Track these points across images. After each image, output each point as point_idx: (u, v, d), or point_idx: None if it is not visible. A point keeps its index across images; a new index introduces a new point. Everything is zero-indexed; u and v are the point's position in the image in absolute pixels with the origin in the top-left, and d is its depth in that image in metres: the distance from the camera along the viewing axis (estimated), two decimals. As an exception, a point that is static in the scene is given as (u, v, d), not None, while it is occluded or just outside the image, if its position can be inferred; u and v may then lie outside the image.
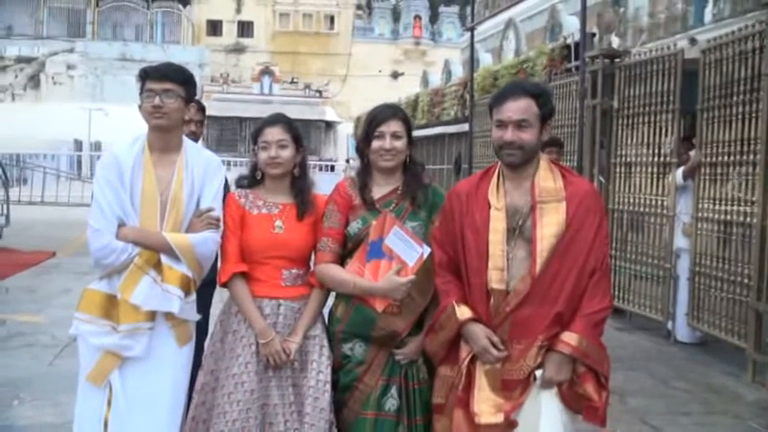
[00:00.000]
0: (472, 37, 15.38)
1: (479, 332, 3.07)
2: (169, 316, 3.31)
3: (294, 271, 3.51)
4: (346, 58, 48.02)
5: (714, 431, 5.70)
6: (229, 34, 49.35)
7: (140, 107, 3.37)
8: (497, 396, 3.04)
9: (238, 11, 49.20)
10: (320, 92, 46.52)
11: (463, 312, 3.11)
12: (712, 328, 7.72)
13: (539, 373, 3.01)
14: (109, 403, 3.27)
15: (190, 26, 48.78)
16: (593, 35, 13.35)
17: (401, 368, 3.36)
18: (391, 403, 3.34)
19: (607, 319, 3.09)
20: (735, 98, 7.41)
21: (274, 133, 3.50)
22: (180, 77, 3.38)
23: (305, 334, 3.46)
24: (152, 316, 3.27)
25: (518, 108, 3.07)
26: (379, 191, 3.47)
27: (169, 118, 3.34)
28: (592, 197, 3.17)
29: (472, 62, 15.47)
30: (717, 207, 7.72)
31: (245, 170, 3.71)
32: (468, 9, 32.46)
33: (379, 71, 46.62)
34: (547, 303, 3.02)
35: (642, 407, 6.06)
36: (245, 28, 49.48)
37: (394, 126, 3.42)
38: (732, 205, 7.50)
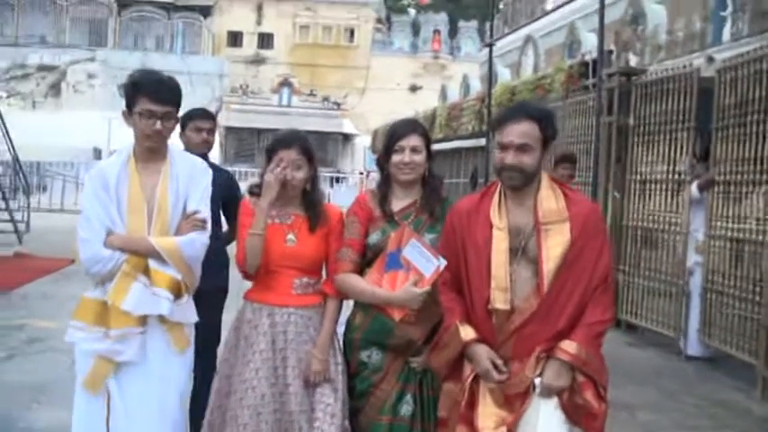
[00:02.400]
0: (491, 52, 15.51)
1: (483, 354, 3.10)
2: (163, 320, 3.35)
3: (305, 280, 3.60)
4: (365, 70, 48.18)
5: None
6: (249, 45, 49.61)
7: (127, 115, 3.41)
8: (500, 410, 3.08)
9: (259, 22, 49.48)
10: (338, 104, 46.67)
11: (467, 333, 3.13)
12: (723, 344, 7.78)
13: (537, 380, 3.03)
14: (109, 408, 3.32)
15: (210, 37, 49.07)
16: (611, 52, 13.46)
17: (416, 375, 3.46)
18: (406, 409, 3.44)
19: (607, 332, 3.13)
20: (749, 117, 7.50)
21: (289, 154, 3.57)
22: (178, 99, 3.45)
23: (329, 342, 3.57)
24: (143, 320, 3.31)
25: (520, 132, 3.09)
26: (398, 203, 3.56)
27: (165, 140, 3.44)
28: (595, 217, 3.21)
29: (491, 77, 15.60)
30: (730, 225, 7.80)
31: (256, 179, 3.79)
32: (488, 24, 32.63)
33: (398, 84, 46.73)
34: (550, 321, 3.06)
35: (651, 421, 6.13)
36: (266, 40, 49.72)
37: (413, 141, 3.52)
38: (745, 223, 7.58)
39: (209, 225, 3.47)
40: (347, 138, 46.18)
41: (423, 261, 3.37)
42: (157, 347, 3.36)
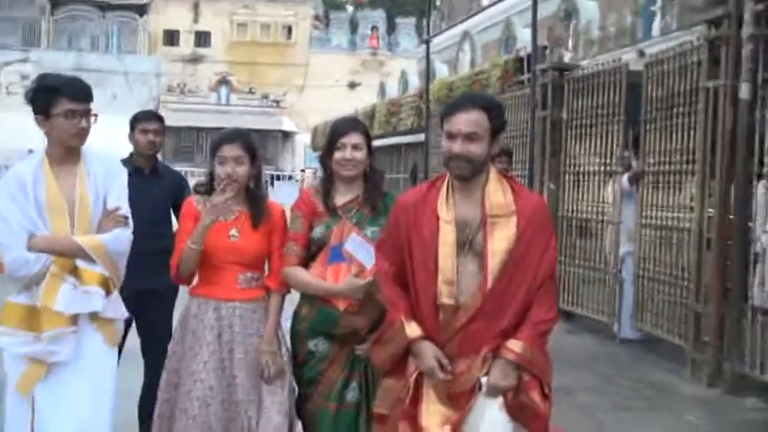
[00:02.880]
0: (428, 49, 15.72)
1: (428, 351, 3.06)
2: (94, 317, 3.36)
3: (249, 274, 3.69)
4: (304, 68, 48.09)
5: (654, 425, 6.02)
6: (186, 44, 49.10)
7: (42, 119, 3.38)
8: (445, 408, 3.05)
9: (196, 21, 49.03)
10: (278, 102, 46.55)
11: (413, 330, 3.09)
12: (655, 328, 8.09)
13: (484, 380, 3.01)
14: (32, 410, 3.30)
15: (146, 36, 48.47)
16: (545, 48, 13.77)
17: (362, 363, 3.57)
18: (352, 395, 3.57)
19: (551, 330, 3.11)
20: (676, 110, 7.79)
21: (232, 150, 3.64)
22: (92, 97, 3.46)
23: (275, 336, 3.67)
24: (75, 319, 3.31)
25: (468, 120, 3.05)
26: (341, 198, 3.67)
27: (86, 139, 3.43)
28: (542, 212, 3.20)
29: (428, 74, 15.80)
30: (659, 214, 8.11)
31: (202, 178, 3.88)
32: (425, 21, 32.83)
33: (337, 81, 46.75)
34: (496, 318, 3.03)
35: (590, 404, 6.37)
36: (203, 38, 49.28)
37: (355, 138, 3.63)
38: (673, 212, 7.89)
39: (130, 221, 3.49)
40: (287, 135, 46.08)
41: (363, 254, 3.48)
42: (90, 345, 3.37)
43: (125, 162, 4.64)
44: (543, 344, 3.08)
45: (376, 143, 19.56)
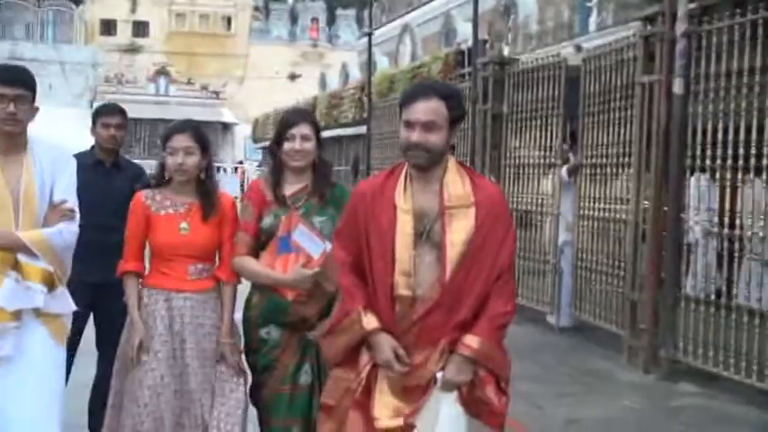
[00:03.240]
0: (370, 42, 15.79)
1: (385, 343, 3.00)
2: (39, 312, 3.28)
3: (200, 266, 3.73)
4: (243, 59, 47.85)
5: (593, 410, 6.22)
6: (123, 34, 48.47)
7: None
8: (398, 401, 3.01)
9: (133, 10, 48.40)
10: (217, 93, 46.18)
11: (370, 321, 3.03)
12: (593, 316, 8.32)
13: (439, 374, 2.97)
14: None
15: (83, 25, 47.70)
16: (485, 42, 13.96)
17: (314, 347, 3.63)
18: (305, 378, 3.65)
19: (509, 324, 3.06)
20: (612, 104, 8.01)
21: (181, 140, 3.67)
22: (32, 82, 3.34)
23: (232, 326, 3.76)
24: (18, 315, 3.22)
25: (427, 109, 2.98)
26: (290, 188, 3.71)
27: (22, 125, 3.30)
28: (500, 203, 3.15)
29: (370, 66, 15.88)
30: (597, 205, 8.33)
31: (151, 171, 3.91)
32: (365, 12, 32.80)
33: (277, 72, 46.61)
34: (454, 310, 2.99)
35: (532, 391, 6.52)
36: (140, 28, 48.69)
37: (303, 129, 3.68)
38: (610, 203, 8.12)
39: (77, 214, 3.41)
40: (227, 127, 45.74)
41: (310, 244, 3.54)
42: (35, 340, 3.29)
43: (86, 155, 4.67)
44: (500, 338, 3.05)
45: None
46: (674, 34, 6.99)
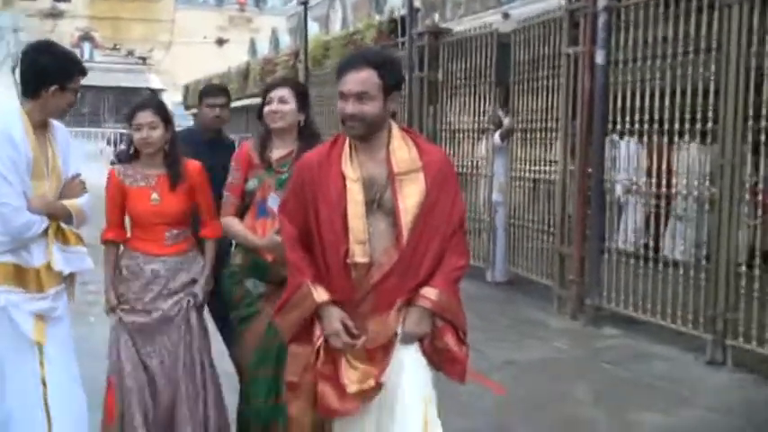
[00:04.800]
0: (305, 11, 16.08)
1: (334, 315, 3.04)
2: (66, 277, 3.59)
3: (175, 231, 3.99)
4: (170, 24, 47.19)
5: (528, 352, 6.87)
6: (44, -2, 47.35)
7: (53, 93, 3.48)
8: (364, 364, 3.03)
9: (53, -26, 47.22)
10: (144, 59, 45.64)
11: (320, 294, 3.05)
12: (526, 270, 9.00)
13: (399, 328, 3.03)
14: (41, 364, 3.49)
15: (1, -10, 46.43)
16: (418, 10, 14.42)
17: None
18: None
19: (463, 276, 3.13)
20: (540, 73, 8.61)
21: (145, 116, 3.90)
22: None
23: (212, 276, 4.06)
24: (62, 278, 3.56)
25: (358, 80, 3.00)
26: (277, 152, 3.92)
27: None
28: (447, 164, 3.21)
29: (306, 35, 16.20)
30: (528, 167, 8.97)
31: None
32: None
33: (204, 38, 46.12)
34: (410, 273, 3.03)
35: (472, 338, 7.00)
36: (62, -8, 47.58)
37: (281, 92, 3.91)
38: (541, 165, 8.76)
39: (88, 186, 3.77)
40: (154, 93, 45.30)
41: None
42: (65, 303, 3.65)
43: (194, 132, 5.14)
44: (456, 290, 3.11)
45: (252, 102, 19.91)
46: (596, 9, 7.60)
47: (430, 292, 3.03)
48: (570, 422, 5.26)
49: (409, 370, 3.03)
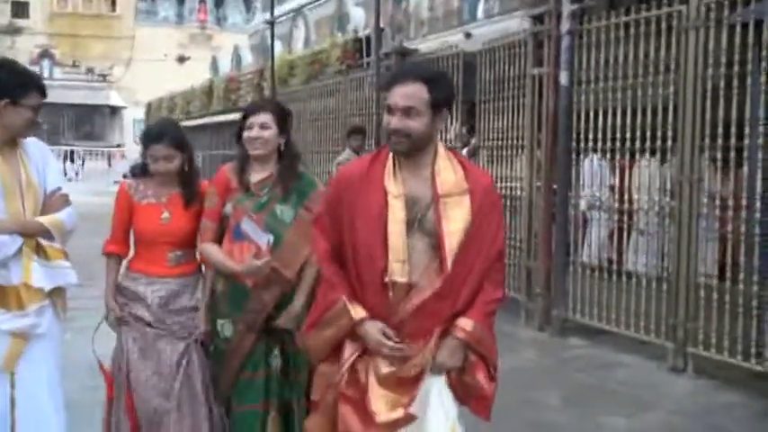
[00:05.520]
0: (272, 31, 16.36)
1: (373, 328, 2.92)
2: (52, 292, 3.54)
3: (179, 252, 3.91)
4: (130, 41, 47.11)
5: (499, 363, 7.09)
6: (2, 14, 46.94)
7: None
8: (393, 393, 2.91)
9: (11, -10, 46.92)
10: (104, 76, 45.51)
11: (358, 312, 2.93)
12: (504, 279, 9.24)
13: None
14: (12, 385, 3.46)
15: (-42, 5, 46.01)
16: (382, 30, 14.71)
17: (279, 333, 3.75)
18: (275, 362, 3.79)
19: (498, 310, 3.04)
20: (506, 93, 8.88)
21: (161, 150, 3.83)
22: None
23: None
24: (47, 294, 3.51)
25: (405, 93, 2.89)
26: (256, 176, 3.80)
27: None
28: (493, 190, 3.10)
29: (273, 54, 16.40)
30: (496, 184, 9.21)
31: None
32: None
33: (165, 55, 46.12)
34: (449, 301, 2.92)
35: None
36: (20, 8, 47.24)
37: (262, 117, 3.76)
38: (510, 182, 9.03)
39: (70, 199, 3.76)
40: (114, 111, 45.19)
41: (256, 235, 3.60)
42: (53, 316, 3.60)
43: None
44: (491, 324, 3.01)
45: (216, 119, 20.06)
46: (559, 31, 7.91)
47: (466, 324, 2.92)
48: (538, 426, 5.51)
49: (436, 401, 2.94)
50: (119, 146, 37.86)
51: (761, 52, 6.00)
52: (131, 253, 4.03)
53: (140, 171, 4.02)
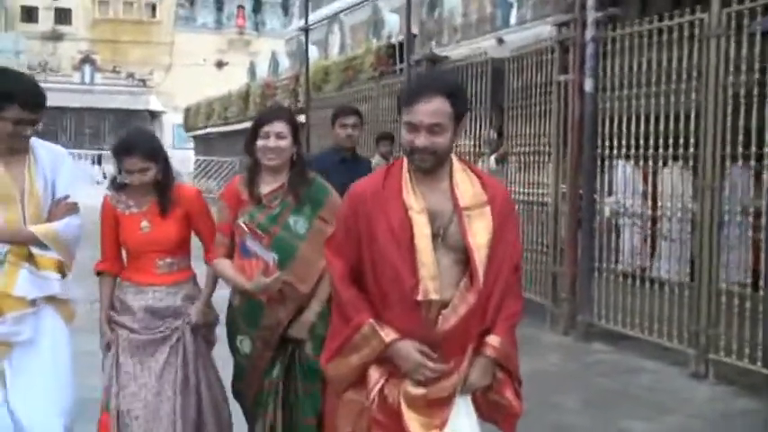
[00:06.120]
0: (307, 37, 16.54)
1: (410, 349, 2.78)
2: (52, 299, 3.57)
3: (168, 260, 3.85)
4: (169, 46, 47.78)
5: (523, 366, 7.06)
6: (46, 21, 47.92)
7: None
8: (424, 416, 2.81)
9: (55, -3, 47.85)
10: (144, 81, 46.19)
11: (388, 333, 2.79)
12: (523, 290, 9.33)
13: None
14: (4, 385, 3.47)
15: (3, 12, 46.97)
16: (415, 36, 14.87)
17: (288, 345, 3.75)
18: (277, 373, 3.76)
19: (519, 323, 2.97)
20: (533, 99, 8.98)
21: (135, 163, 3.71)
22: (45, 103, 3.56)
23: (206, 301, 3.90)
24: (34, 302, 3.52)
25: (430, 111, 2.77)
26: (266, 187, 3.70)
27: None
28: (509, 200, 3.04)
29: (307, 61, 16.61)
30: (522, 189, 9.33)
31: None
32: (291, 0, 32.95)
33: (204, 60, 46.71)
34: (480, 314, 2.81)
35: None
36: (63, 15, 48.18)
37: (278, 126, 3.65)
38: (534, 188, 9.12)
39: (79, 207, 3.73)
40: (154, 115, 45.82)
41: (262, 252, 3.51)
42: (52, 325, 3.60)
43: (330, 153, 5.37)
44: (515, 338, 2.94)
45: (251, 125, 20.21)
46: (584, 39, 8.00)
47: (494, 341, 2.83)
48: (559, 429, 5.60)
49: (464, 423, 2.85)
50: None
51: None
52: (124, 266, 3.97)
53: (120, 183, 3.89)
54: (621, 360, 7.32)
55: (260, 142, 3.66)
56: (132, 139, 3.81)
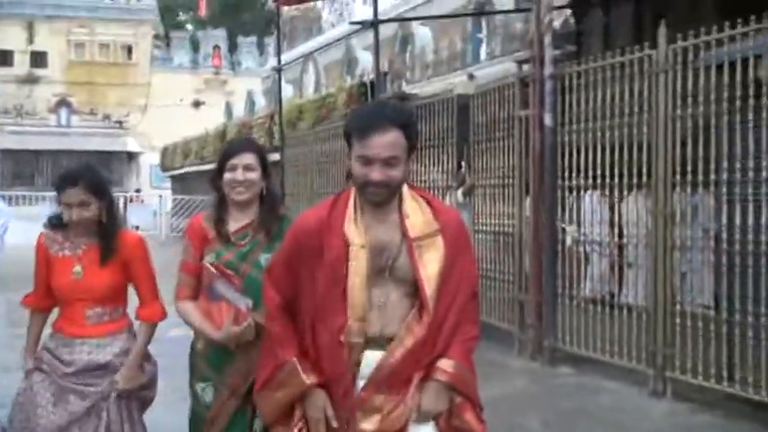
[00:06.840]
0: (279, 77, 16.85)
1: (318, 402, 2.76)
2: None
3: (98, 310, 3.58)
4: (146, 87, 48.00)
5: (492, 390, 7.32)
6: (21, 65, 48.04)
7: None
8: None
9: (30, 41, 48.01)
10: (121, 123, 46.35)
11: (308, 376, 2.76)
12: (489, 317, 9.61)
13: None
14: None
15: (-22, 57, 47.15)
16: (386, 74, 15.26)
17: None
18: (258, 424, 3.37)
19: (476, 347, 2.93)
20: (497, 134, 9.33)
21: (75, 194, 3.48)
22: None
23: (136, 364, 3.61)
24: None
25: (386, 144, 2.66)
26: (234, 224, 3.45)
27: None
28: (462, 226, 2.95)
29: (280, 99, 16.93)
30: (488, 220, 9.65)
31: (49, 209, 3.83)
32: (266, 39, 33.36)
33: (181, 100, 46.91)
34: (430, 344, 2.76)
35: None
36: (38, 58, 48.30)
37: (247, 158, 3.41)
38: (502, 219, 9.43)
39: (3, 209, 3.92)
40: (131, 156, 45.93)
41: (234, 296, 3.29)
42: None
43: None
44: (472, 362, 2.88)
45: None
46: (543, 76, 8.36)
47: (447, 365, 2.77)
48: (523, 449, 5.86)
49: None
50: (138, 191, 38.51)
51: (734, 92, 6.35)
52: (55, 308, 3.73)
53: (58, 221, 3.63)
54: (585, 382, 7.59)
55: (227, 175, 3.42)
56: (76, 171, 3.56)
